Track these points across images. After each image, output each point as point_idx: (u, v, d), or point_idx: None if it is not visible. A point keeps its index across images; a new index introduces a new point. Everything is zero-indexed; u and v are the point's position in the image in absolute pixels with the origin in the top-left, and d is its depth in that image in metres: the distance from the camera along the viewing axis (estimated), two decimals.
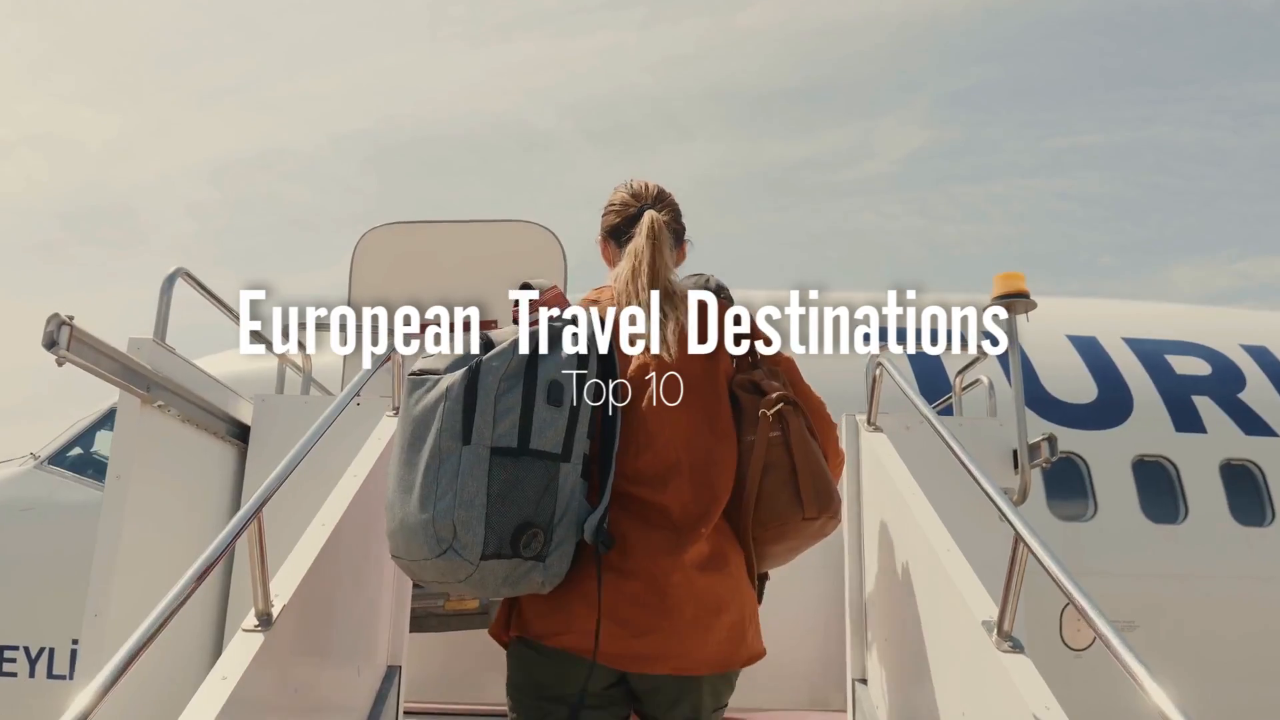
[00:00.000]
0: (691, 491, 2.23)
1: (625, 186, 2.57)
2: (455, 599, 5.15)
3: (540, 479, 2.06)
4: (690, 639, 2.13)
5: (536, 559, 2.05)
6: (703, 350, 2.34)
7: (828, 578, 6.21)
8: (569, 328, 2.20)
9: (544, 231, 6.05)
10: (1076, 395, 7.07)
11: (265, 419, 4.14)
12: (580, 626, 2.10)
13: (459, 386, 2.05)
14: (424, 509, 1.99)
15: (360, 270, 6.12)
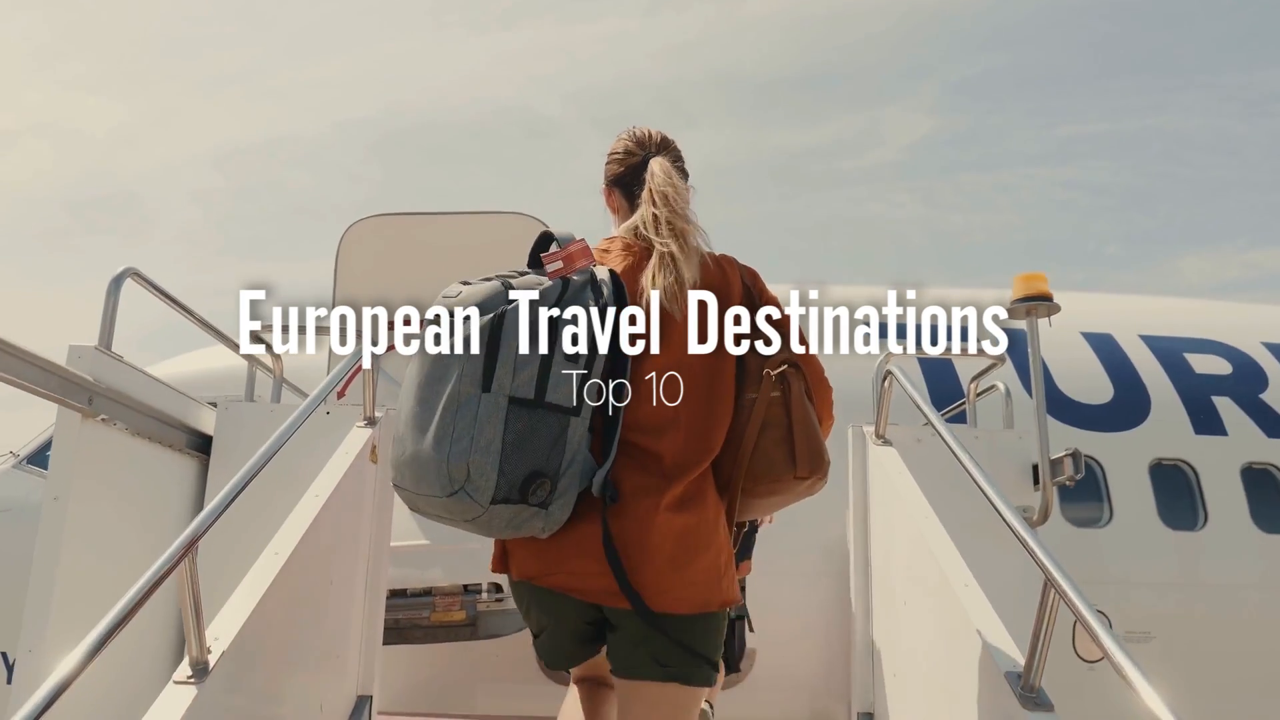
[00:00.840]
0: (685, 441, 2.29)
1: (628, 134, 2.60)
2: (442, 611, 4.93)
3: (552, 431, 2.13)
4: (666, 577, 2.18)
5: (541, 506, 2.12)
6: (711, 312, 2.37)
7: (829, 585, 5.99)
8: (588, 285, 2.24)
9: (538, 224, 5.79)
10: (1092, 395, 6.81)
11: (228, 429, 3.89)
12: (569, 567, 2.19)
13: (482, 334, 2.10)
14: (438, 449, 2.05)
15: (346, 264, 5.88)
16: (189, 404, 3.88)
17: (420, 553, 5.04)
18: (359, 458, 3.27)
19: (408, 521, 5.18)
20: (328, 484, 2.94)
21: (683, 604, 2.20)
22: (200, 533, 2.15)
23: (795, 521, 5.86)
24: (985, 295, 7.01)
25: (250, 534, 2.79)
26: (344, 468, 3.10)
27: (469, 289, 2.20)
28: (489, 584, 5.01)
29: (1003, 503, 2.51)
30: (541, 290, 2.19)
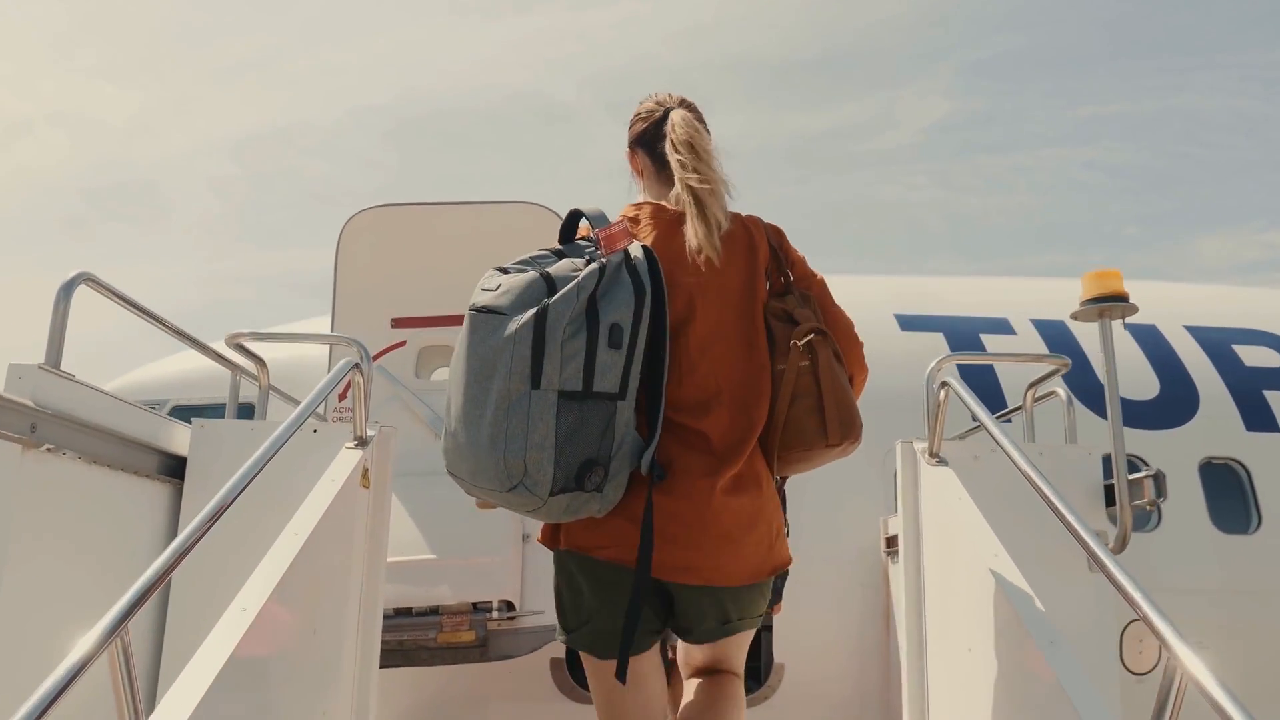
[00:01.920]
0: (730, 418, 2.34)
1: (650, 97, 2.61)
2: (449, 631, 4.61)
3: (602, 419, 2.17)
4: (724, 554, 2.27)
5: (596, 490, 2.18)
6: (742, 278, 2.42)
7: (862, 595, 5.67)
8: (623, 267, 2.24)
9: (548, 213, 5.44)
10: (1136, 391, 6.42)
11: (205, 450, 3.49)
12: (625, 541, 2.25)
13: (527, 330, 2.11)
14: (494, 447, 2.10)
15: (347, 257, 5.55)
16: (159, 423, 3.50)
17: (426, 568, 4.72)
18: (348, 484, 2.93)
19: (413, 535, 4.86)
20: (309, 518, 2.59)
21: (735, 578, 2.31)
22: (137, 601, 1.82)
23: (825, 527, 5.56)
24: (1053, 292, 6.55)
25: (226, 573, 2.47)
26: (330, 496, 2.74)
27: (508, 280, 2.20)
28: (500, 602, 4.68)
29: (1098, 546, 2.17)
30: (580, 279, 2.18)
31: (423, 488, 5.03)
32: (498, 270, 2.29)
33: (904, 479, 3.32)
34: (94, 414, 3.03)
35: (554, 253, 2.33)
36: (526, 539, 5.01)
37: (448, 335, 5.52)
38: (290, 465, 2.71)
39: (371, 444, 3.26)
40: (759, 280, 2.47)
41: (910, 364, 6.35)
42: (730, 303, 2.42)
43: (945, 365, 3.62)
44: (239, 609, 2.13)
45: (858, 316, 6.71)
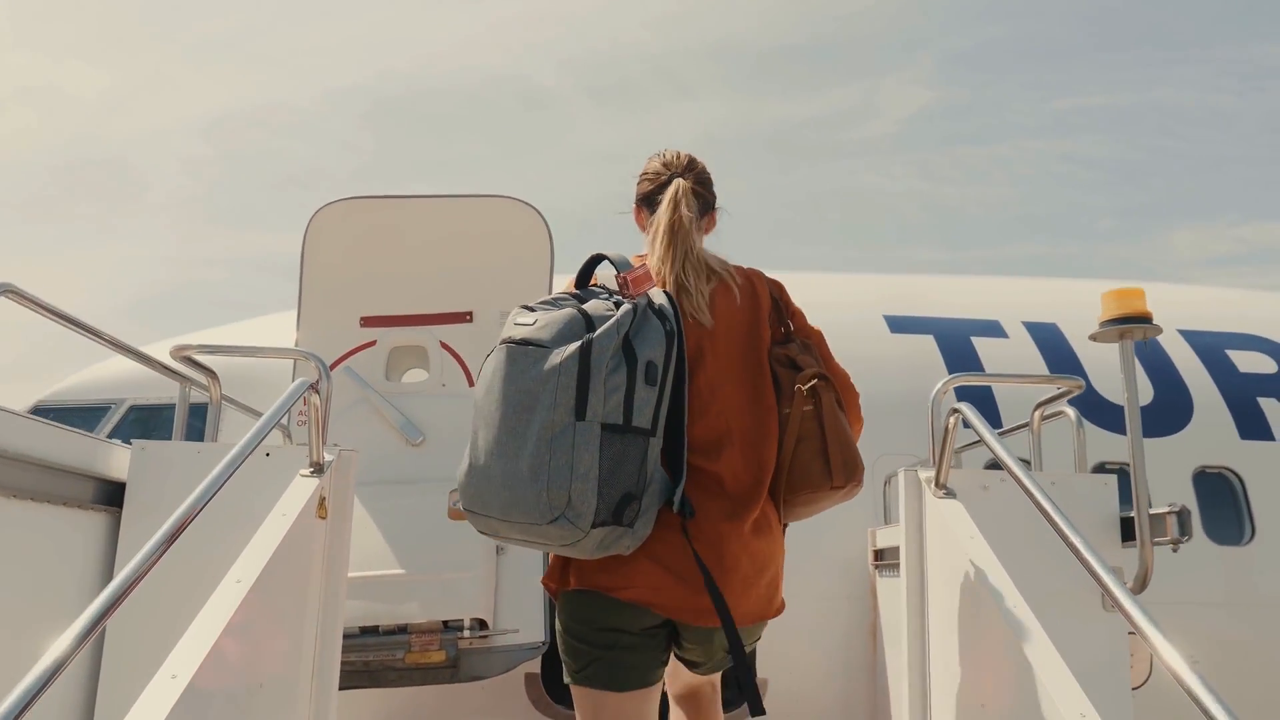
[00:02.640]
0: (742, 461, 2.39)
1: (659, 156, 2.68)
2: (418, 651, 4.37)
3: (639, 454, 2.19)
4: (740, 596, 2.31)
5: (630, 525, 2.19)
6: (746, 325, 2.50)
7: (847, 608, 5.49)
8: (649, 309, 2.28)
9: (527, 209, 5.19)
10: None
11: (146, 475, 3.15)
12: (644, 582, 2.27)
13: (573, 362, 2.13)
14: (536, 479, 2.09)
15: (314, 249, 5.26)
16: (92, 445, 3.19)
17: (393, 584, 4.48)
18: (302, 516, 2.68)
19: (379, 549, 4.62)
20: (255, 560, 2.33)
21: (748, 618, 2.37)
22: (56, 670, 1.58)
23: (810, 537, 5.37)
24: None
25: (167, 617, 2.22)
26: (280, 533, 2.48)
27: (544, 315, 2.22)
28: (472, 620, 4.44)
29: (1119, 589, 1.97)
30: (619, 317, 2.22)
31: (391, 497, 4.79)
32: (524, 308, 2.31)
33: (907, 511, 3.10)
34: (10, 440, 2.72)
35: (574, 296, 2.36)
36: (501, 552, 4.79)
37: (419, 335, 5.26)
38: (240, 494, 2.46)
39: (329, 470, 3.00)
40: (763, 327, 2.54)
41: (902, 368, 6.18)
42: (736, 348, 2.49)
43: (951, 387, 3.40)
44: (169, 676, 1.89)
45: (846, 317, 6.52)
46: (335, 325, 5.21)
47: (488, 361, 2.27)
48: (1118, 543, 3.35)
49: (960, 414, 2.90)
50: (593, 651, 2.37)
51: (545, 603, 4.63)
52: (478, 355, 5.46)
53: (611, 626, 2.34)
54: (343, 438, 5.07)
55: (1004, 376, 4.31)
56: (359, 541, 4.63)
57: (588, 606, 2.36)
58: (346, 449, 3.23)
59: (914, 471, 3.15)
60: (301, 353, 3.62)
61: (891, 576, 5.03)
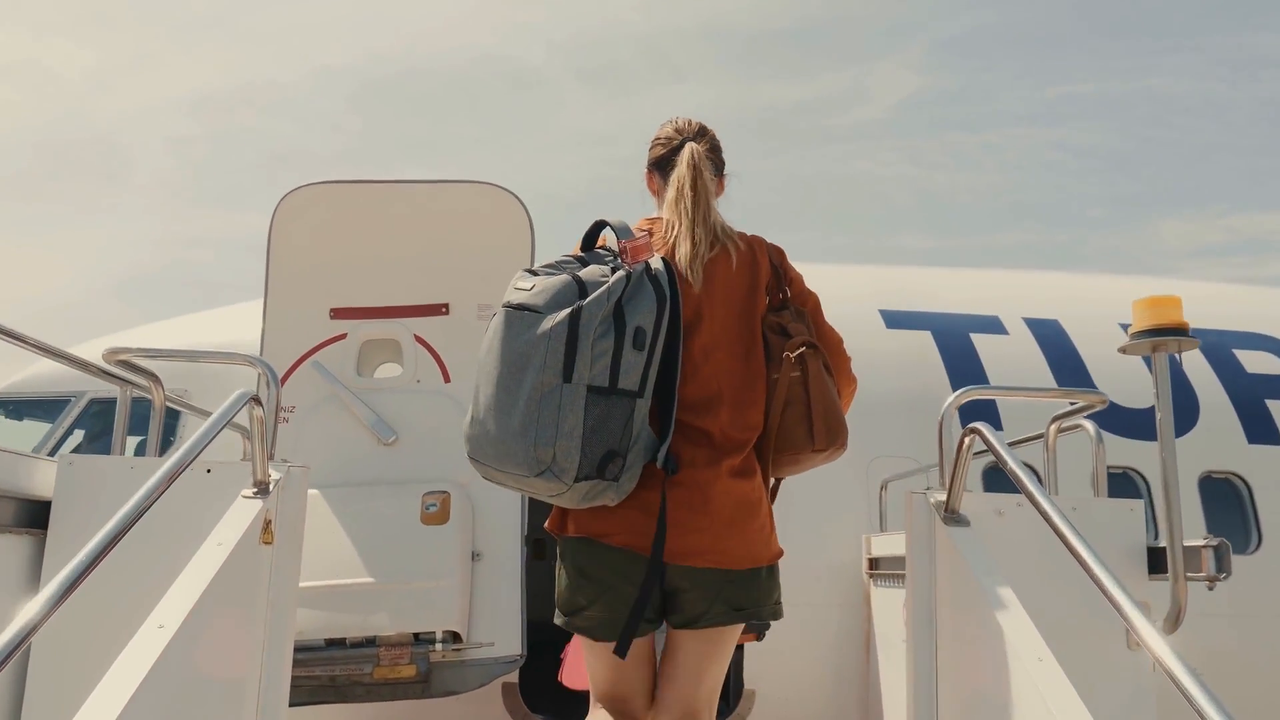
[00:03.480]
0: (729, 419, 2.51)
1: (671, 122, 2.79)
2: (387, 665, 4.13)
3: (623, 414, 2.33)
4: (727, 538, 2.42)
5: (614, 480, 2.33)
6: (743, 291, 2.61)
7: (838, 617, 5.27)
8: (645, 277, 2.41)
9: (506, 195, 4.92)
10: (1132, 397, 6.03)
11: (73, 493, 2.84)
12: (631, 527, 2.40)
13: (562, 327, 2.27)
14: (525, 434, 2.25)
15: (282, 237, 4.98)
16: (14, 462, 2.86)
17: (362, 593, 4.22)
18: (244, 543, 2.41)
19: (348, 555, 4.36)
20: (185, 599, 2.06)
21: (740, 561, 2.44)
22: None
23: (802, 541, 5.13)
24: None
25: (85, 662, 1.97)
26: (216, 565, 2.21)
27: (542, 281, 2.36)
28: (444, 632, 4.20)
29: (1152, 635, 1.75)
30: (610, 284, 2.35)
31: (361, 500, 4.53)
32: (527, 272, 2.44)
33: (914, 539, 2.84)
34: None
35: (578, 259, 2.48)
36: (477, 558, 4.54)
37: (393, 328, 4.99)
38: (175, 518, 2.21)
39: (276, 490, 2.73)
40: (759, 295, 2.64)
41: (898, 366, 5.94)
42: (732, 314, 2.60)
43: (964, 401, 3.14)
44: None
45: (841, 311, 6.25)
46: (303, 317, 4.94)
47: (491, 323, 2.40)
48: (1144, 575, 3.10)
49: (978, 434, 2.65)
50: (583, 599, 2.50)
51: (523, 614, 4.40)
52: (453, 349, 5.24)
53: (605, 572, 2.47)
54: (311, 436, 4.82)
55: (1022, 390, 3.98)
56: (325, 548, 4.38)
57: (583, 554, 2.50)
58: (296, 465, 2.95)
59: (923, 495, 2.89)
60: (247, 358, 3.33)
61: (888, 586, 4.81)
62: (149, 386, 3.43)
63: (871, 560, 5.04)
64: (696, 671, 2.54)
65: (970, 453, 2.75)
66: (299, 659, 4.15)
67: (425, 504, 4.48)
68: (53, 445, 5.51)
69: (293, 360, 4.94)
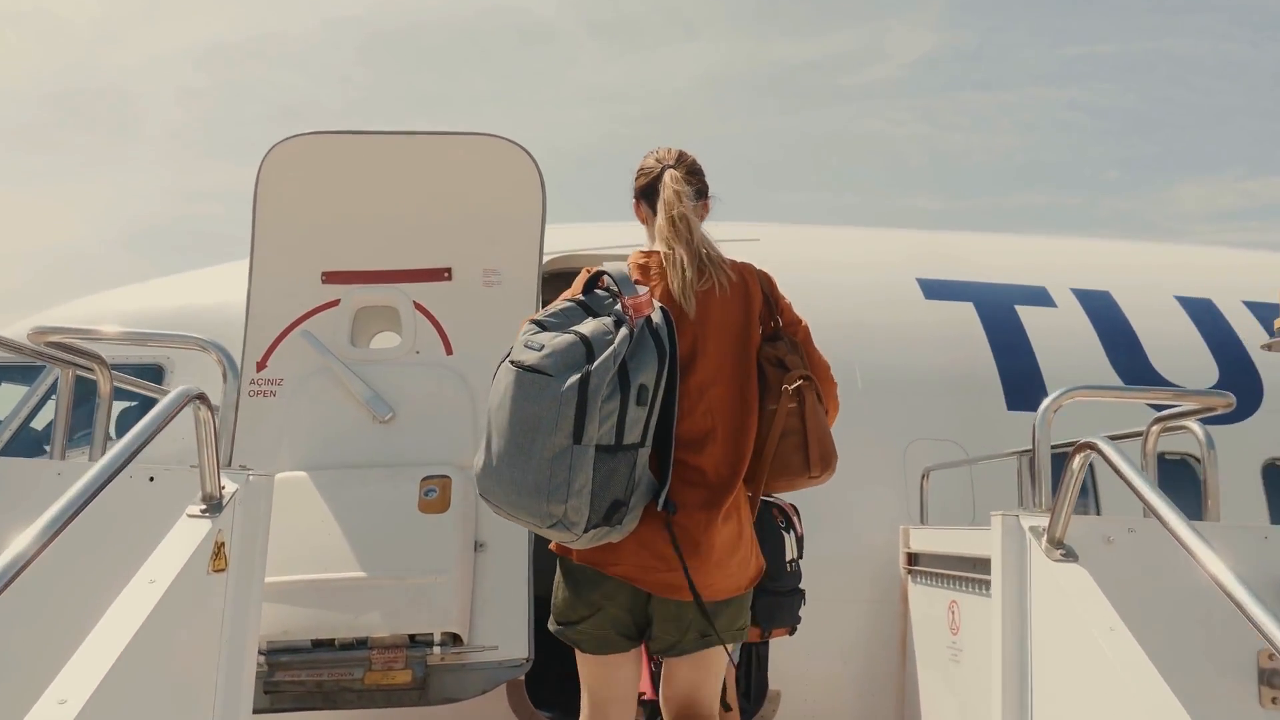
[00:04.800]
0: (723, 454, 2.65)
1: (652, 153, 2.93)
2: (380, 669, 3.75)
3: (628, 467, 2.48)
4: (714, 574, 2.59)
5: (617, 525, 2.50)
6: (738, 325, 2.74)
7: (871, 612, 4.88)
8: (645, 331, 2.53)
9: (514, 149, 4.45)
10: (1192, 376, 5.58)
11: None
12: (630, 560, 2.58)
13: (572, 393, 2.40)
14: (538, 492, 2.40)
15: (269, 193, 4.53)
16: None
17: (352, 589, 3.83)
18: (186, 575, 1.98)
19: (337, 545, 3.96)
20: (103, 657, 1.65)
21: (723, 593, 2.61)
22: None
23: (832, 531, 4.71)
24: None
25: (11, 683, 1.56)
26: (148, 605, 1.79)
27: (550, 341, 2.47)
28: (443, 634, 3.81)
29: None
30: (615, 347, 2.46)
31: (353, 485, 4.12)
32: (534, 324, 2.56)
33: (1006, 572, 2.38)
34: None
35: (579, 304, 2.61)
36: (480, 548, 4.14)
37: (390, 295, 4.55)
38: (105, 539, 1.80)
39: (231, 505, 2.29)
40: (753, 327, 2.75)
41: (938, 340, 5.49)
42: (727, 348, 2.71)
43: (1065, 403, 2.68)
44: None
45: (877, 279, 5.77)
46: (293, 282, 4.51)
47: (499, 376, 2.50)
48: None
49: (1095, 451, 2.19)
50: (576, 614, 2.69)
51: (530, 612, 4.01)
52: (456, 318, 4.80)
53: (599, 598, 2.65)
54: (299, 413, 4.40)
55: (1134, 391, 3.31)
56: (312, 538, 3.98)
57: (582, 577, 2.66)
58: (258, 473, 2.51)
59: (1014, 518, 2.42)
60: (199, 342, 2.88)
61: (929, 585, 4.41)
62: (95, 370, 2.99)
63: (910, 555, 4.63)
64: (692, 686, 2.80)
65: (1082, 473, 2.28)
66: (282, 662, 3.78)
67: (424, 489, 4.08)
68: (21, 419, 5.11)
69: (280, 329, 4.52)
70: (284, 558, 3.93)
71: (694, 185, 2.84)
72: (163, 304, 5.68)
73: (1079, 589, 2.12)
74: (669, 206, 2.74)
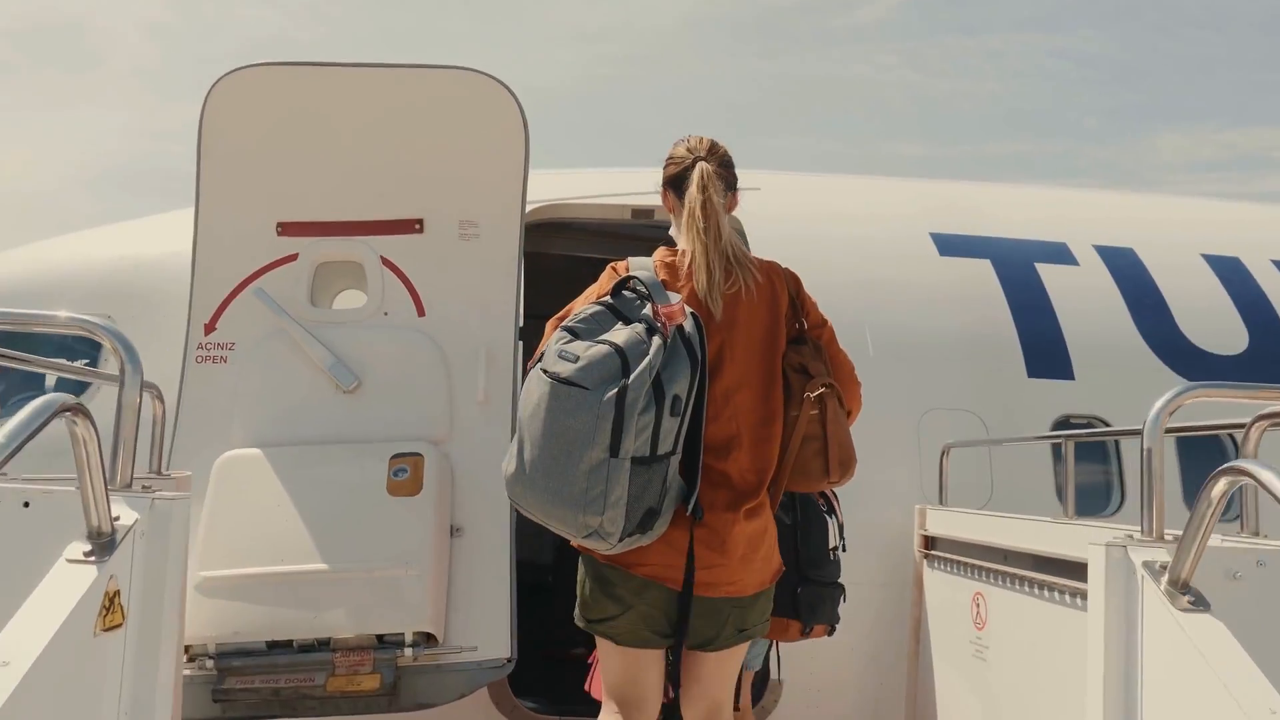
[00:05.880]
0: (748, 460, 2.69)
1: (683, 142, 2.90)
2: (344, 674, 3.35)
3: (661, 476, 2.51)
4: (740, 571, 2.66)
5: (650, 530, 2.53)
6: (764, 330, 2.75)
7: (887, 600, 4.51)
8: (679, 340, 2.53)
9: (494, 85, 3.96)
10: (1221, 343, 5.22)
11: None
12: (658, 560, 2.61)
13: (609, 408, 2.41)
14: (574, 504, 2.43)
15: (215, 132, 4.03)
16: None
17: (312, 583, 3.42)
18: (65, 635, 1.50)
19: (296, 533, 3.53)
20: None
21: (751, 588, 2.70)
22: None
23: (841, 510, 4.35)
24: None
25: None
26: (9, 688, 1.34)
27: (585, 352, 2.48)
28: (415, 634, 3.41)
29: None
30: (650, 358, 2.47)
31: (313, 464, 3.69)
32: (565, 330, 2.56)
33: (1110, 615, 1.96)
34: None
35: (608, 308, 2.61)
36: (457, 533, 3.73)
37: (354, 248, 4.08)
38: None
39: (128, 543, 1.81)
40: (780, 331, 2.76)
41: (954, 300, 5.07)
42: (754, 353, 2.72)
43: (1183, 404, 2.25)
44: None
45: (889, 234, 5.29)
46: (244, 233, 4.02)
47: (531, 384, 2.50)
48: None
49: (1247, 476, 1.79)
50: (605, 612, 2.68)
51: (513, 605, 3.61)
52: (429, 275, 4.30)
53: (627, 593, 2.64)
54: (252, 382, 3.94)
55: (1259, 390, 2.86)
56: (266, 524, 3.54)
57: (610, 575, 2.66)
58: (165, 495, 2.00)
59: (1121, 549, 2.00)
60: (84, 324, 2.34)
61: (946, 572, 4.04)
62: None
63: (926, 538, 4.26)
64: (715, 684, 2.78)
65: (1222, 503, 1.87)
66: (234, 666, 3.37)
67: (392, 469, 3.64)
68: None
69: (231, 287, 4.04)
70: (235, 548, 3.52)
71: (724, 179, 2.81)
72: (102, 254, 5.15)
73: (1214, 645, 1.71)
74: (699, 204, 2.71)
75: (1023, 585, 3.30)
